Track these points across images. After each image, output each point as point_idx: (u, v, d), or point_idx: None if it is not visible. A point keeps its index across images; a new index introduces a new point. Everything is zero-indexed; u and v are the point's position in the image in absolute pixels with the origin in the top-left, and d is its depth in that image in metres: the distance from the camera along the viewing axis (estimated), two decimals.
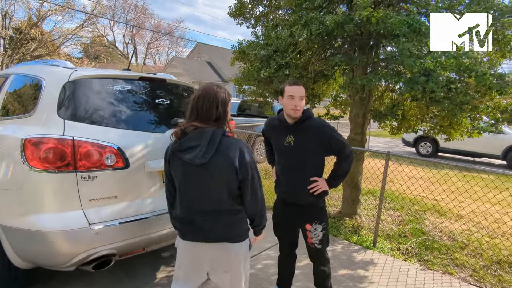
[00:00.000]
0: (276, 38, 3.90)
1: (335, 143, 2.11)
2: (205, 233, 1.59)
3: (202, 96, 1.54)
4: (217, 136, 1.49)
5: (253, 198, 1.60)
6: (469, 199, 4.51)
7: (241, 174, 1.51)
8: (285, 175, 2.22)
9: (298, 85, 2.08)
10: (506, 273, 3.28)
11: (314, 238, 2.17)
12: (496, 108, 2.97)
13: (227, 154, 1.49)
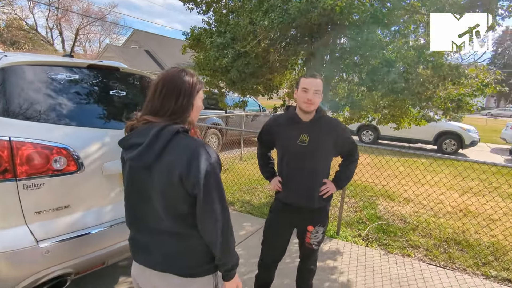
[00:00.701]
0: (235, 25, 3.70)
1: (348, 144, 2.02)
2: (149, 257, 1.21)
3: (161, 84, 1.18)
4: (168, 133, 1.11)
5: (208, 225, 1.14)
6: (411, 182, 4.87)
7: (190, 187, 1.10)
8: (296, 177, 2.00)
9: (315, 78, 1.89)
10: (454, 250, 3.59)
11: (313, 239, 2.06)
12: (447, 97, 3.17)
13: (173, 158, 1.10)
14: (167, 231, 1.18)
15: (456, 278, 3.02)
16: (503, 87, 3.06)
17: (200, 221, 1.15)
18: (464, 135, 9.75)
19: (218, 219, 1.14)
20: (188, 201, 1.13)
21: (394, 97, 3.54)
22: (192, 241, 1.19)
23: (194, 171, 1.09)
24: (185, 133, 1.17)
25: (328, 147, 1.96)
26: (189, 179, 1.09)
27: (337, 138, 1.97)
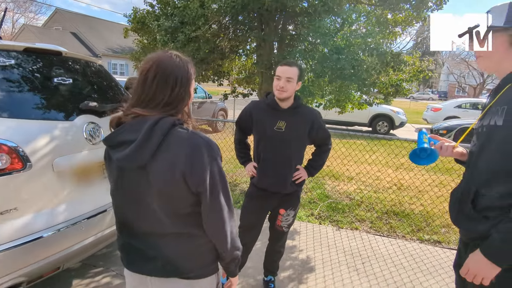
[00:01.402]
0: (184, 7, 3.53)
1: (322, 133, 2.08)
2: (148, 263, 1.10)
3: (153, 71, 1.02)
4: (163, 127, 0.98)
5: (216, 224, 1.07)
6: (354, 162, 5.29)
7: (194, 185, 1.01)
8: (270, 162, 2.04)
9: (289, 66, 1.92)
10: (394, 220, 4.00)
11: (284, 222, 2.14)
12: (388, 83, 3.46)
13: (172, 155, 0.99)
14: (168, 234, 1.07)
15: (398, 244, 3.39)
16: (434, 73, 3.43)
17: (207, 220, 1.06)
18: (395, 117, 10.76)
19: (225, 217, 1.07)
20: (191, 199, 1.04)
21: (341, 83, 3.75)
22: (198, 241, 1.10)
23: (198, 168, 0.99)
24: (182, 126, 1.04)
25: (303, 135, 2.03)
26: (193, 177, 0.99)
27: (312, 126, 2.03)
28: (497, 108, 1.17)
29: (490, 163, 1.16)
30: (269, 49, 4.06)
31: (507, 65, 1.21)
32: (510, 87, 1.18)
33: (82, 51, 23.90)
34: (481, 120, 1.27)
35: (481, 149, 1.21)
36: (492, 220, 1.13)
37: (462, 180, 1.36)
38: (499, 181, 1.13)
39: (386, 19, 3.78)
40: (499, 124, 1.13)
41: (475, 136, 1.30)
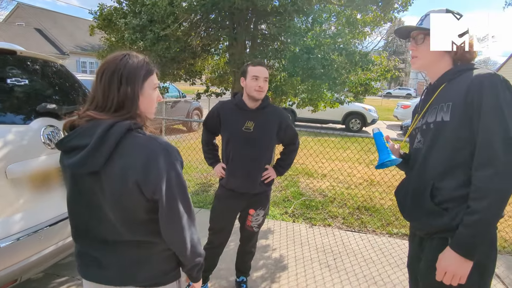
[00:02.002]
0: (152, 5, 3.44)
1: (290, 132, 2.09)
2: (104, 271, 1.05)
3: (101, 70, 1.00)
4: (118, 131, 0.94)
5: (175, 233, 1.02)
6: (326, 159, 5.39)
7: (149, 193, 0.96)
8: (239, 163, 2.02)
9: (262, 66, 1.96)
10: (365, 216, 4.11)
11: (253, 222, 2.13)
12: (357, 82, 3.54)
13: (126, 162, 0.94)
14: (125, 241, 1.03)
15: (368, 239, 3.49)
16: (400, 73, 3.55)
17: (165, 229, 1.01)
18: (367, 114, 11.06)
19: (184, 226, 1.02)
20: (148, 207, 0.99)
21: (313, 82, 3.80)
22: (156, 248, 1.06)
23: (153, 176, 0.94)
24: (138, 130, 0.99)
25: (272, 135, 2.04)
26: (147, 185, 0.95)
27: (280, 126, 2.05)
28: (440, 105, 1.23)
29: (444, 157, 1.20)
30: (241, 48, 4.03)
31: (441, 66, 1.28)
32: (446, 86, 1.26)
33: (48, 48, 22.80)
34: (424, 118, 1.32)
35: (431, 145, 1.25)
36: (451, 211, 1.17)
37: (406, 178, 1.41)
38: (453, 173, 1.18)
39: (356, 19, 3.86)
40: (446, 120, 1.19)
41: (419, 134, 1.34)
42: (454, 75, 1.24)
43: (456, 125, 1.16)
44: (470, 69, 1.22)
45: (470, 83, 1.14)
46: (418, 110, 1.41)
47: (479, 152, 1.10)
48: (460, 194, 1.16)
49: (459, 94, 1.16)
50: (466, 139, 1.14)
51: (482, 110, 1.10)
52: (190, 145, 5.91)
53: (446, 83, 1.26)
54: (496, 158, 1.06)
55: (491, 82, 1.12)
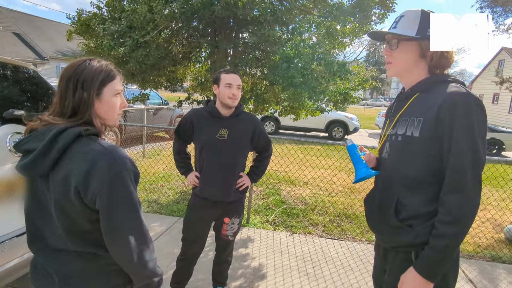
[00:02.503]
0: (132, 11, 3.41)
1: (263, 139, 2.10)
2: (48, 280, 1.00)
3: (61, 75, 1.00)
4: (67, 137, 0.92)
5: (115, 244, 0.96)
6: (309, 167, 5.43)
7: (90, 201, 0.92)
8: (214, 171, 2.00)
9: (235, 73, 1.96)
10: (345, 223, 4.15)
11: (229, 231, 2.11)
12: (336, 91, 3.60)
13: (71, 167, 0.92)
14: (69, 251, 0.99)
15: (347, 246, 3.51)
16: (377, 83, 3.64)
17: (107, 243, 0.97)
18: (349, 123, 11.25)
19: (130, 243, 0.96)
20: (92, 216, 0.95)
21: (293, 91, 3.83)
22: (102, 261, 1.01)
23: (95, 184, 0.90)
24: (91, 137, 0.97)
25: (246, 142, 2.05)
26: (87, 193, 0.91)
27: (254, 133, 2.05)
28: (412, 118, 1.19)
29: (410, 173, 1.17)
30: (223, 56, 4.04)
31: (416, 73, 1.23)
32: (418, 97, 1.22)
33: (26, 53, 22.22)
34: (394, 128, 1.28)
35: (397, 158, 1.23)
36: (416, 227, 1.15)
37: (375, 187, 1.37)
38: (419, 190, 1.16)
39: (335, 30, 3.94)
40: (415, 136, 1.16)
41: (387, 143, 1.31)
42: (429, 86, 1.20)
43: (425, 142, 1.13)
44: (446, 81, 1.18)
45: (443, 100, 1.10)
46: (390, 116, 1.37)
47: (451, 176, 1.08)
48: (425, 211, 1.14)
49: (431, 110, 1.12)
50: (434, 156, 1.12)
51: (454, 132, 1.06)
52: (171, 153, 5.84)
53: (420, 93, 1.22)
54: (467, 184, 1.05)
55: (464, 102, 1.07)
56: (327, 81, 3.46)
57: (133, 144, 7.43)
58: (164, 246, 3.12)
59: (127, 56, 3.61)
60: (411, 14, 1.21)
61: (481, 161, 1.07)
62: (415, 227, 1.15)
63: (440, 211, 1.09)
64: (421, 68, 1.22)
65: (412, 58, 1.21)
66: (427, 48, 1.18)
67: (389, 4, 3.59)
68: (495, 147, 10.45)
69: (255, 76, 4.36)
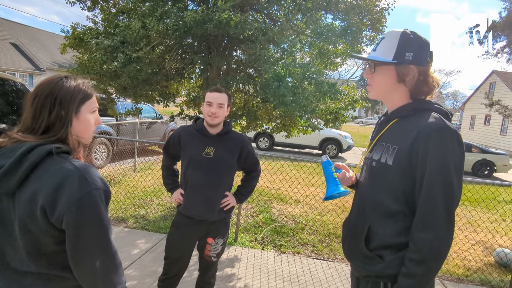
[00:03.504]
0: (125, 27, 3.44)
1: (251, 158, 2.09)
2: None
3: (34, 92, 0.98)
4: (35, 154, 0.90)
5: (81, 268, 0.94)
6: (301, 184, 5.40)
7: (57, 223, 0.89)
8: (198, 189, 1.98)
9: (219, 92, 1.96)
10: (334, 243, 4.09)
11: (212, 251, 2.07)
12: (327, 110, 3.63)
13: (38, 185, 0.89)
14: (30, 272, 0.94)
15: (336, 267, 3.45)
16: (367, 103, 3.67)
17: (73, 264, 0.93)
18: (342, 141, 11.31)
19: (96, 269, 0.93)
20: (57, 237, 0.92)
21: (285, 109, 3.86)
22: (67, 283, 0.97)
23: (62, 202, 0.88)
24: (62, 155, 0.95)
25: (232, 161, 2.03)
26: (54, 213, 0.88)
27: (241, 152, 2.04)
28: (388, 145, 1.16)
29: (383, 202, 1.14)
30: (216, 73, 4.07)
31: (395, 98, 1.21)
32: (396, 123, 1.19)
33: (23, 64, 22.28)
34: (371, 152, 1.26)
35: (371, 184, 1.21)
36: (386, 258, 1.12)
37: (351, 210, 1.35)
38: (391, 220, 1.12)
39: (328, 50, 4.01)
40: (389, 164, 1.13)
41: (364, 167, 1.29)
42: (408, 113, 1.17)
43: (398, 171, 1.10)
44: (426, 109, 1.14)
45: (419, 132, 1.06)
46: (372, 137, 1.34)
47: (422, 211, 1.04)
48: (396, 242, 1.11)
49: (406, 139, 1.09)
50: (407, 188, 1.09)
51: (428, 167, 1.02)
52: None
53: (399, 119, 1.19)
54: (439, 222, 1.01)
55: (440, 136, 1.03)
56: (317, 100, 3.49)
57: (125, 158, 7.36)
58: (148, 264, 3.04)
59: (120, 70, 3.63)
60: (391, 36, 1.18)
61: (455, 197, 1.03)
62: (385, 257, 1.12)
63: (411, 247, 1.05)
64: (401, 92, 1.19)
65: (390, 82, 1.18)
66: (404, 73, 1.15)
67: (379, 27, 3.67)
68: (487, 168, 10.53)
69: (247, 93, 4.39)
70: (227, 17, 2.94)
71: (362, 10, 3.63)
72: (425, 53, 1.16)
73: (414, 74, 1.15)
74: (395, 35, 1.17)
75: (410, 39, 1.15)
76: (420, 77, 1.15)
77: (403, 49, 1.14)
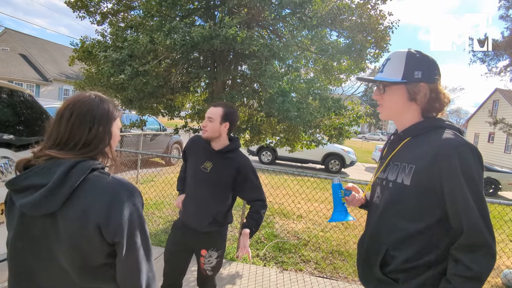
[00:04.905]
0: (134, 41, 3.50)
1: (249, 185, 2.02)
2: None
3: (69, 109, 0.98)
4: (80, 172, 0.92)
5: (131, 273, 0.98)
6: (304, 199, 5.35)
7: (110, 236, 0.94)
8: (193, 199, 2.04)
9: (214, 106, 2.00)
10: (337, 261, 4.02)
11: (206, 265, 2.06)
12: (331, 126, 3.63)
13: (87, 203, 0.92)
14: None
15: (339, 286, 3.37)
16: (372, 119, 3.68)
17: (122, 273, 0.97)
18: (345, 156, 11.27)
19: (142, 270, 0.98)
20: (106, 251, 0.95)
21: (289, 123, 3.87)
22: None
23: (116, 219, 0.92)
24: (102, 170, 0.98)
25: (227, 180, 2.00)
26: (109, 228, 0.92)
27: (238, 174, 2.00)
28: (403, 165, 1.14)
29: (400, 224, 1.11)
30: (221, 87, 4.11)
31: (407, 117, 1.19)
32: (410, 141, 1.17)
33: (31, 74, 22.63)
34: (385, 172, 1.23)
35: (387, 206, 1.17)
36: (402, 282, 1.09)
37: (365, 232, 1.31)
38: (409, 243, 1.09)
39: (332, 66, 4.05)
40: (406, 184, 1.09)
41: (378, 188, 1.26)
42: (421, 131, 1.15)
43: (417, 192, 1.07)
44: (440, 127, 1.13)
45: (438, 149, 1.05)
46: (381, 158, 1.32)
47: (467, 233, 1.01)
48: (413, 265, 1.08)
49: (424, 158, 1.07)
50: (427, 208, 1.06)
51: (457, 187, 1.01)
52: (166, 179, 5.77)
53: (411, 137, 1.17)
54: (485, 239, 1.01)
55: (463, 152, 1.02)
56: (322, 116, 3.50)
57: (127, 169, 7.36)
58: None
59: (126, 83, 3.67)
60: (397, 57, 1.19)
61: (488, 212, 1.03)
62: (401, 281, 1.09)
63: (457, 266, 1.02)
64: (412, 111, 1.18)
65: (401, 102, 1.18)
66: (415, 91, 1.15)
67: (383, 44, 3.72)
68: (492, 187, 10.42)
69: (252, 107, 4.42)
70: (233, 33, 2.99)
71: (367, 28, 3.68)
72: (434, 70, 1.16)
73: (425, 91, 1.15)
74: (401, 55, 1.18)
75: (416, 58, 1.16)
76: (432, 94, 1.15)
77: (412, 68, 1.15)
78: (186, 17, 3.92)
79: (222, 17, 3.36)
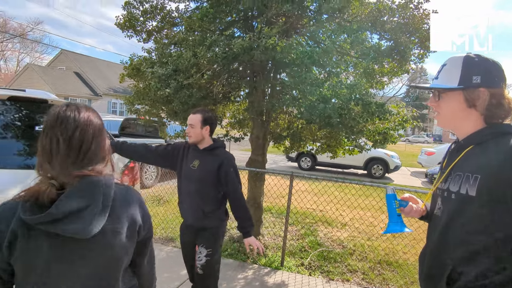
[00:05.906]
0: (178, 57, 3.68)
1: (229, 179, 2.18)
2: None
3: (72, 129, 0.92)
4: (109, 188, 0.95)
5: (150, 264, 1.20)
6: (346, 206, 5.19)
7: (143, 234, 1.08)
8: (185, 197, 2.25)
9: (193, 113, 2.22)
10: (386, 271, 3.84)
11: (198, 261, 2.16)
12: (375, 131, 3.51)
13: (128, 212, 1.00)
14: None
15: None
16: (418, 122, 3.51)
17: (147, 264, 1.17)
18: (389, 161, 10.79)
19: (154, 259, 1.23)
20: (131, 251, 1.05)
21: (330, 130, 3.81)
22: None
23: (146, 223, 1.10)
24: (115, 182, 1.01)
25: (212, 176, 2.17)
26: (145, 227, 1.09)
27: (220, 167, 2.17)
28: (466, 174, 1.07)
29: (468, 238, 1.04)
30: (261, 96, 4.16)
31: (467, 125, 1.13)
32: (473, 150, 1.10)
33: (84, 90, 24.56)
34: (446, 182, 1.16)
35: (451, 219, 1.10)
36: None
37: (426, 246, 1.24)
38: (476, 260, 1.02)
39: (373, 70, 3.94)
40: (471, 195, 1.02)
41: (439, 199, 1.19)
42: (484, 138, 1.07)
43: (483, 202, 1.00)
44: (507, 133, 1.05)
45: (506, 155, 0.97)
46: (443, 167, 1.24)
47: None
48: (481, 284, 1.00)
49: (490, 166, 1.00)
50: (495, 219, 0.99)
51: None
52: None
53: (474, 145, 1.09)
54: None
55: None
56: (365, 121, 3.40)
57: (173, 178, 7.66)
58: None
59: (172, 96, 3.85)
60: (453, 62, 1.14)
61: None
62: None
63: None
64: (473, 118, 1.11)
65: (459, 109, 1.12)
66: (473, 97, 1.08)
67: (428, 44, 3.54)
68: None
69: (291, 115, 4.41)
70: (273, 43, 3.03)
71: (410, 29, 3.53)
72: (495, 75, 1.08)
73: (485, 97, 1.08)
74: (458, 60, 1.12)
75: (475, 62, 1.09)
76: (493, 100, 1.07)
77: (469, 72, 1.08)
78: (226, 30, 4.04)
79: (261, 28, 3.41)
